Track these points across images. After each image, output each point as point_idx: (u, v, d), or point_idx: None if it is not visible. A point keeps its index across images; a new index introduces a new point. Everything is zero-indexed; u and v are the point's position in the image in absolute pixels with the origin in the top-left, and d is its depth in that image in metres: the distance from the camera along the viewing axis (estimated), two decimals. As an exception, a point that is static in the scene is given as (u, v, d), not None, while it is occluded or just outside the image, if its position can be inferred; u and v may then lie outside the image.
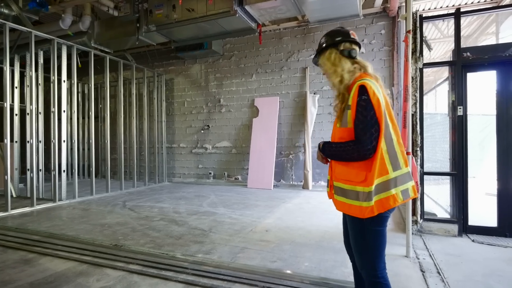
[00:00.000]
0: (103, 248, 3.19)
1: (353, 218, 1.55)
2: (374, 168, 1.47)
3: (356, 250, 1.59)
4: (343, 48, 1.66)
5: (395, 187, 1.49)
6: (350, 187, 1.54)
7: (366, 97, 1.48)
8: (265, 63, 7.83)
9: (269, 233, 3.73)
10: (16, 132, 6.38)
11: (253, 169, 7.51)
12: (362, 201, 1.49)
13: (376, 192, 1.48)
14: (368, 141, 1.47)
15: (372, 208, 1.47)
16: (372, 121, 1.47)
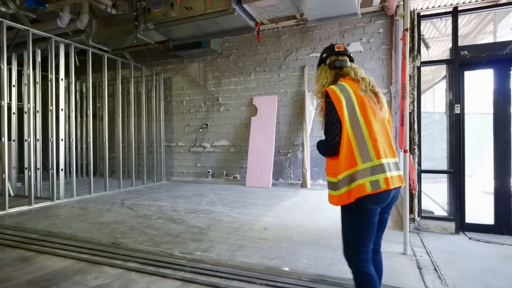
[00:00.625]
0: (101, 246, 3.19)
1: (340, 208, 1.69)
2: (342, 160, 1.60)
3: (342, 238, 1.70)
4: (329, 62, 1.86)
5: (363, 177, 1.56)
6: (331, 179, 1.71)
7: (329, 100, 1.65)
8: (263, 62, 7.83)
9: (267, 231, 3.74)
10: (14, 131, 6.37)
11: (252, 167, 7.52)
12: (334, 190, 1.66)
13: (346, 182, 1.59)
14: (331, 137, 1.64)
15: (341, 197, 1.61)
16: (334, 119, 1.63)
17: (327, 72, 1.85)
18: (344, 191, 1.59)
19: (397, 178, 1.63)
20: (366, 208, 1.59)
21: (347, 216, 1.66)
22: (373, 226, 1.62)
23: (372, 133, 1.61)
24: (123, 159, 8.10)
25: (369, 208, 1.59)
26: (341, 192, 1.60)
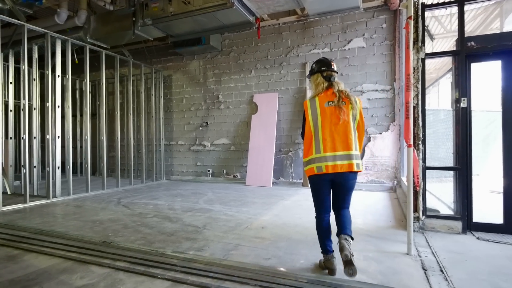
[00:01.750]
0: (91, 245, 3.07)
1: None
2: (305, 150, 2.50)
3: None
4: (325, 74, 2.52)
5: (313, 163, 2.40)
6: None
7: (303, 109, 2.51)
8: (264, 59, 7.69)
9: (264, 230, 3.60)
10: (11, 128, 6.31)
11: (252, 166, 7.38)
12: (304, 166, 2.53)
13: (306, 164, 2.47)
14: (301, 132, 2.59)
15: (305, 172, 2.59)
16: (303, 121, 2.53)
17: (319, 84, 2.51)
18: (306, 169, 2.49)
19: (343, 166, 2.34)
20: (313, 181, 2.47)
21: (311, 184, 2.53)
22: (321, 192, 2.47)
23: (325, 135, 2.37)
24: (122, 158, 8.01)
25: (314, 181, 2.47)
26: (305, 169, 2.51)
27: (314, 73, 2.55)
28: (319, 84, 2.49)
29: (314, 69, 2.56)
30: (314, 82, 2.53)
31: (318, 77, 2.51)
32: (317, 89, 2.50)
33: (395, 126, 6.48)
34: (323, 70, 2.49)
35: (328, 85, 2.44)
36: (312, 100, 2.44)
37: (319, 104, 2.38)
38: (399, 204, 4.97)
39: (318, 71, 2.51)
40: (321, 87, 2.46)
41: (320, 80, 2.49)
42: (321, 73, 2.49)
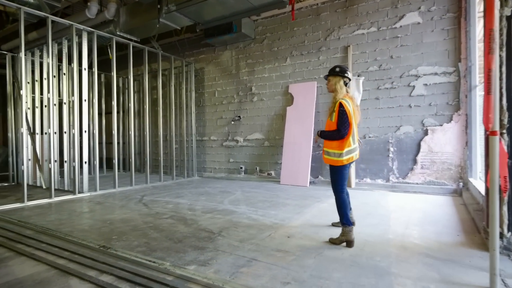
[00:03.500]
0: (87, 250, 2.68)
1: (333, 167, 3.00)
2: (345, 142, 2.90)
3: (334, 183, 3.01)
4: (345, 80, 3.03)
5: (352, 153, 2.93)
6: (336, 151, 2.92)
7: (343, 109, 2.86)
8: (300, 45, 6.94)
9: (290, 240, 2.93)
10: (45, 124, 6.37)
11: (287, 163, 6.70)
12: (336, 157, 2.93)
13: (345, 154, 2.89)
14: (345, 130, 2.86)
15: (342, 161, 2.90)
16: (346, 121, 2.86)
17: (343, 87, 3.01)
18: (345, 157, 2.89)
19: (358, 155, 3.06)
20: (347, 167, 2.95)
21: (338, 170, 2.95)
22: (347, 175, 3.00)
23: (354, 130, 2.94)
24: (154, 154, 7.85)
25: (348, 167, 2.96)
26: (341, 159, 2.90)
27: (336, 75, 3.01)
28: (342, 87, 2.99)
29: (338, 72, 3.01)
30: (338, 84, 2.99)
31: (341, 80, 3.00)
32: (341, 91, 2.99)
33: (460, 116, 5.33)
34: (345, 76, 3.01)
35: (346, 89, 3.03)
36: (347, 101, 2.91)
37: (352, 105, 2.95)
38: (468, 211, 3.94)
39: (341, 76, 3.00)
40: (344, 90, 3.01)
41: (343, 84, 3.00)
42: (342, 78, 3.00)
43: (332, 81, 3.02)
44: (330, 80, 3.05)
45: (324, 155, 3.04)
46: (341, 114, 2.84)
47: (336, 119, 2.87)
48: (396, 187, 5.78)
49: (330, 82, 3.04)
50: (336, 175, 2.96)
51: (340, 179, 2.96)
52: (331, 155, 2.93)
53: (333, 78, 3.02)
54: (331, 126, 2.95)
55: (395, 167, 5.88)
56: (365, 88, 6.21)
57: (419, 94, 5.68)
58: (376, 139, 6.09)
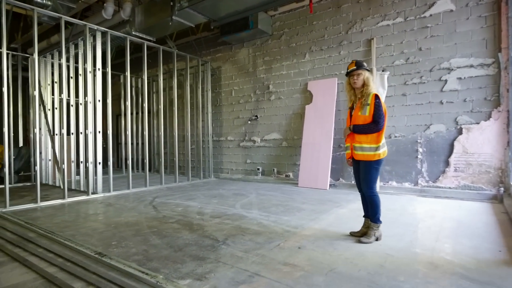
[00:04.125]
0: (81, 257, 2.52)
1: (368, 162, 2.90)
2: (382, 135, 2.88)
3: (366, 180, 2.92)
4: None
5: (384, 148, 2.91)
6: (372, 145, 2.87)
7: (379, 101, 2.86)
8: (320, 39, 6.57)
9: (301, 252, 2.62)
10: (57, 124, 6.44)
11: (305, 165, 6.35)
12: (372, 152, 2.87)
13: (381, 147, 2.86)
14: (383, 122, 2.84)
15: (379, 155, 2.86)
16: (382, 113, 2.84)
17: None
18: (381, 151, 2.87)
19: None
20: (382, 162, 2.93)
21: (374, 165, 2.88)
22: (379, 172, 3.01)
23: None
24: (170, 154, 7.78)
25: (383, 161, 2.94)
26: (379, 152, 2.86)
27: (367, 70, 2.98)
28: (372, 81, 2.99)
29: (367, 67, 2.99)
30: (371, 78, 2.96)
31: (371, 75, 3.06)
32: (374, 85, 3.02)
33: (500, 113, 4.74)
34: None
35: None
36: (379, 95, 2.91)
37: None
38: (511, 221, 3.43)
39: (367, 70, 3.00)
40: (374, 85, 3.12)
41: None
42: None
43: (365, 75, 2.93)
44: (362, 74, 2.93)
45: (354, 151, 2.96)
46: (377, 106, 2.82)
47: (371, 112, 2.83)
48: (425, 191, 5.26)
49: (361, 76, 2.93)
50: (372, 171, 2.88)
51: (375, 176, 2.91)
52: (367, 149, 2.87)
53: (365, 72, 2.94)
54: (364, 120, 2.87)
55: (425, 169, 5.36)
56: (390, 84, 5.74)
57: (452, 89, 5.14)
58: (403, 139, 5.60)
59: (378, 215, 2.89)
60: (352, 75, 2.96)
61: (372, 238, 2.87)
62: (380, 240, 2.89)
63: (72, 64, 5.97)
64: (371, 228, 2.91)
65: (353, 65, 2.96)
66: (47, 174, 6.80)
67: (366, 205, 3.05)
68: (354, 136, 2.95)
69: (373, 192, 2.90)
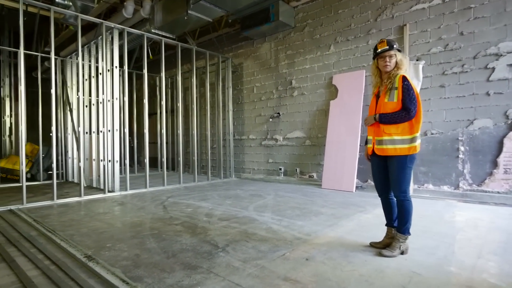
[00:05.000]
0: (69, 260, 2.37)
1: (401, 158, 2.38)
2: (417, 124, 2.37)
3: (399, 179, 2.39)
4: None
5: (419, 141, 2.39)
6: (405, 136, 2.36)
7: (408, 83, 2.36)
8: (346, 29, 6.06)
9: (308, 265, 2.25)
10: (86, 124, 6.55)
11: (330, 165, 5.88)
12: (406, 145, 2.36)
13: (417, 139, 2.36)
14: (415, 108, 2.33)
15: (414, 148, 2.36)
16: (414, 96, 2.34)
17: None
18: (417, 142, 2.36)
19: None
20: (415, 158, 2.42)
21: (408, 162, 2.37)
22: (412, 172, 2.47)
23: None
24: (191, 154, 7.65)
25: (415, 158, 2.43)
26: (415, 143, 2.35)
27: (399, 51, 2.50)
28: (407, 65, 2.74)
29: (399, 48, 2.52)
30: (404, 60, 2.50)
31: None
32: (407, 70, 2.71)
33: None
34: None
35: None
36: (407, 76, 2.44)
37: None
38: None
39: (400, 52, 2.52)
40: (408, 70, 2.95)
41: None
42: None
43: (398, 57, 2.46)
44: (395, 56, 2.45)
45: (380, 146, 2.45)
46: (406, 88, 2.34)
47: (400, 97, 2.36)
48: (468, 196, 4.59)
49: (394, 59, 2.45)
50: (406, 170, 2.37)
51: (409, 176, 2.41)
52: (398, 142, 2.36)
53: (398, 53, 2.47)
54: (393, 108, 2.38)
55: (467, 171, 4.68)
56: (426, 75, 5.11)
57: (501, 78, 4.43)
58: (441, 136, 4.95)
59: (408, 225, 2.41)
60: (383, 57, 2.46)
61: (397, 251, 2.39)
62: (406, 254, 2.41)
63: (94, 64, 6.05)
64: (396, 239, 2.43)
65: (385, 45, 2.45)
66: (73, 172, 6.97)
67: (389, 212, 2.59)
68: (380, 127, 2.43)
69: (406, 197, 2.40)
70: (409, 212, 2.39)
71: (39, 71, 6.29)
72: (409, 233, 2.42)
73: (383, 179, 2.55)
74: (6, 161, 6.77)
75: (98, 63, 5.78)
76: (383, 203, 2.64)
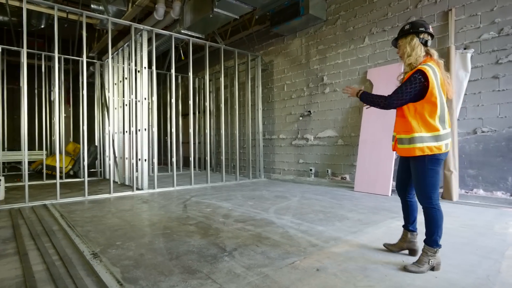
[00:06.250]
0: (75, 257, 2.38)
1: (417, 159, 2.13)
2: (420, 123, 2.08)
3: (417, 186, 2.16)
4: (422, 37, 2.15)
5: (443, 140, 2.04)
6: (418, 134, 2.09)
7: (420, 77, 2.02)
8: (382, 19, 5.59)
9: (317, 276, 2.00)
10: (115, 122, 6.82)
11: (363, 166, 5.44)
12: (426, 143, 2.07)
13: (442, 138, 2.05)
14: (396, 99, 2.10)
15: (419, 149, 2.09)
16: (407, 91, 2.06)
17: (420, 47, 2.16)
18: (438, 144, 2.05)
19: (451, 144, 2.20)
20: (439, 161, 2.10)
21: (429, 164, 2.06)
22: (439, 175, 2.12)
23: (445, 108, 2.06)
24: (221, 153, 7.63)
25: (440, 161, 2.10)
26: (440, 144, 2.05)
27: (408, 34, 2.21)
28: (415, 47, 2.18)
29: (409, 30, 2.21)
30: (409, 45, 2.19)
31: (414, 39, 2.19)
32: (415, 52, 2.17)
33: None
34: (421, 32, 2.18)
35: (425, 50, 2.19)
36: (431, 67, 2.06)
37: (439, 73, 2.09)
38: None
39: (414, 33, 2.19)
40: (420, 51, 2.17)
41: (417, 43, 2.18)
42: (416, 36, 2.18)
43: (403, 44, 2.24)
44: (400, 45, 2.28)
45: (399, 145, 2.20)
46: (407, 80, 2.08)
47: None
48: (527, 204, 3.92)
49: (401, 48, 2.28)
50: (428, 173, 2.08)
51: (435, 179, 2.09)
52: (417, 141, 2.08)
53: (403, 39, 2.24)
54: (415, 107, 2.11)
55: (527, 174, 4.01)
56: (475, 65, 4.50)
57: None
58: (494, 134, 4.31)
59: (435, 237, 2.08)
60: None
61: (425, 266, 2.05)
62: (437, 271, 2.05)
63: (127, 66, 6.27)
64: (424, 252, 2.10)
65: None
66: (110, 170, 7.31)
67: (406, 213, 2.40)
68: (397, 122, 2.24)
69: (432, 204, 2.08)
70: (437, 222, 2.08)
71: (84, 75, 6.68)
72: (438, 245, 2.08)
73: (404, 179, 2.37)
74: (51, 159, 7.31)
75: (130, 65, 5.97)
76: (402, 204, 2.44)
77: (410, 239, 2.34)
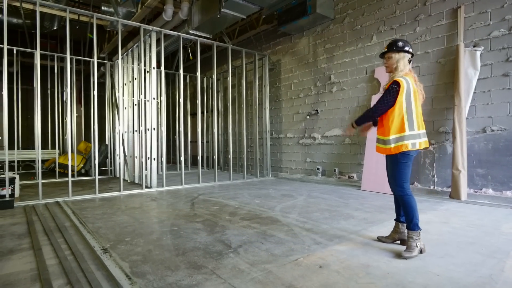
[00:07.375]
0: (86, 252, 2.47)
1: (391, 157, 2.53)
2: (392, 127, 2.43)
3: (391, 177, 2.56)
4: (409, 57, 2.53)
5: (408, 140, 2.39)
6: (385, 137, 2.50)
7: (392, 87, 2.42)
8: (390, 17, 5.55)
9: (320, 273, 2.03)
10: (124, 122, 6.94)
11: (370, 165, 5.43)
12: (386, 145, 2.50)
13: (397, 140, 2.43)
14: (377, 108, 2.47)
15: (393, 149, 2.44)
16: (388, 99, 2.42)
17: (407, 65, 2.51)
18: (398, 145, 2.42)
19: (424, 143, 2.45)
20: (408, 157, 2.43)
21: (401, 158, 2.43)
22: (410, 168, 2.47)
23: (418, 113, 2.44)
24: (233, 153, 7.71)
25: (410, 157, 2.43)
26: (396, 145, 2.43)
27: (400, 51, 2.50)
28: (406, 65, 2.50)
29: (402, 47, 2.50)
30: (402, 61, 2.49)
31: (405, 57, 2.51)
32: (404, 69, 2.49)
33: None
34: (410, 52, 2.53)
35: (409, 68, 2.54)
36: (405, 79, 2.42)
37: (411, 81, 2.44)
38: None
39: (406, 52, 2.51)
40: (407, 69, 2.51)
41: (407, 62, 2.52)
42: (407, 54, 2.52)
43: (395, 58, 2.51)
44: (392, 58, 2.52)
45: (377, 144, 2.63)
46: (387, 90, 2.45)
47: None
48: (538, 204, 3.86)
49: (392, 60, 2.53)
50: (399, 166, 2.48)
51: (404, 171, 2.46)
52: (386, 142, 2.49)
53: (396, 54, 2.51)
54: (387, 114, 2.47)
55: (537, 174, 3.94)
56: (485, 63, 4.44)
57: None
58: (504, 133, 4.25)
59: (415, 220, 2.40)
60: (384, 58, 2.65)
61: (415, 251, 2.31)
62: (424, 253, 2.36)
63: (136, 66, 6.39)
64: (410, 237, 2.38)
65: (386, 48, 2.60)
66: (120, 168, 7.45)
67: (398, 205, 2.64)
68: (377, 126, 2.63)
69: (404, 191, 2.45)
70: (411, 207, 2.41)
71: (95, 75, 6.83)
72: (419, 228, 2.39)
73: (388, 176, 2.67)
74: (64, 157, 7.51)
75: (139, 65, 6.08)
76: (394, 198, 2.68)
77: (401, 230, 2.57)
